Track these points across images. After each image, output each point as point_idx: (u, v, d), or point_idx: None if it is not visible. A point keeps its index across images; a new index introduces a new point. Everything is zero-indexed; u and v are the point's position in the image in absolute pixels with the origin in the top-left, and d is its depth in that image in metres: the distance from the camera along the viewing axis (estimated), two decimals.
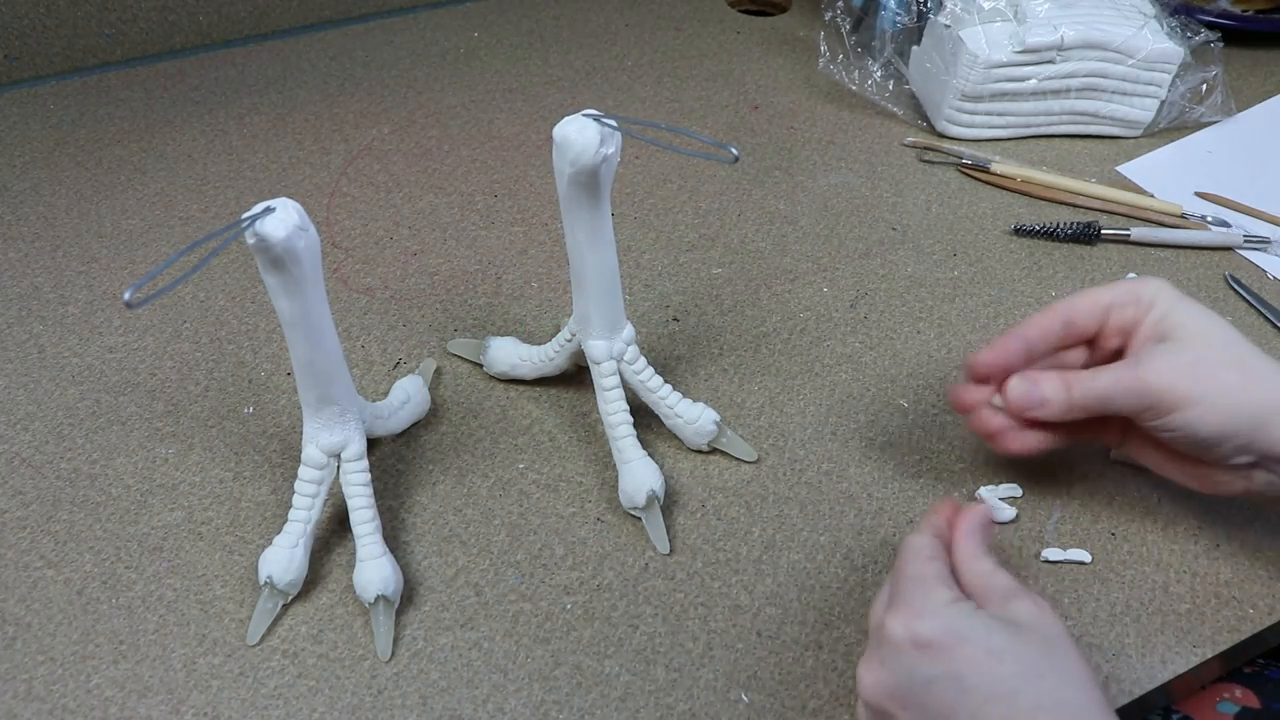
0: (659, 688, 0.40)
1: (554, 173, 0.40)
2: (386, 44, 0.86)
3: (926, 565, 0.36)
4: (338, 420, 0.42)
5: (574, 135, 0.37)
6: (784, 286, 0.60)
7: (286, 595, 0.42)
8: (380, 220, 0.65)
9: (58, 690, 0.39)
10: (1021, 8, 0.68)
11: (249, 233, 0.34)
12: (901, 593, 0.35)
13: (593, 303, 0.44)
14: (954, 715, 0.31)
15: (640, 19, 0.91)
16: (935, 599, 0.34)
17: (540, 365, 0.50)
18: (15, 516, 0.46)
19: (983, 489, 0.47)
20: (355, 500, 0.42)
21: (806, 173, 0.70)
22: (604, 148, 0.37)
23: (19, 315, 0.57)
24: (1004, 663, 0.32)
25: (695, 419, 0.47)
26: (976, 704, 0.31)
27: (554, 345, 0.49)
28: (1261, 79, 0.80)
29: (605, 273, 0.43)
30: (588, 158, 0.37)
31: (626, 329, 0.46)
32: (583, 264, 0.42)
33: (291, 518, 0.42)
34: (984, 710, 0.31)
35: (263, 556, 0.42)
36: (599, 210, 0.40)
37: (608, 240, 0.42)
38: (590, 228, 0.41)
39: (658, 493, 0.44)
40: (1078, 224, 0.63)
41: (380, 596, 0.41)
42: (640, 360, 0.47)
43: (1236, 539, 0.45)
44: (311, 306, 0.38)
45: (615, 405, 0.45)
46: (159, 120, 0.75)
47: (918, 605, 0.34)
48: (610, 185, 0.40)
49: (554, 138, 0.38)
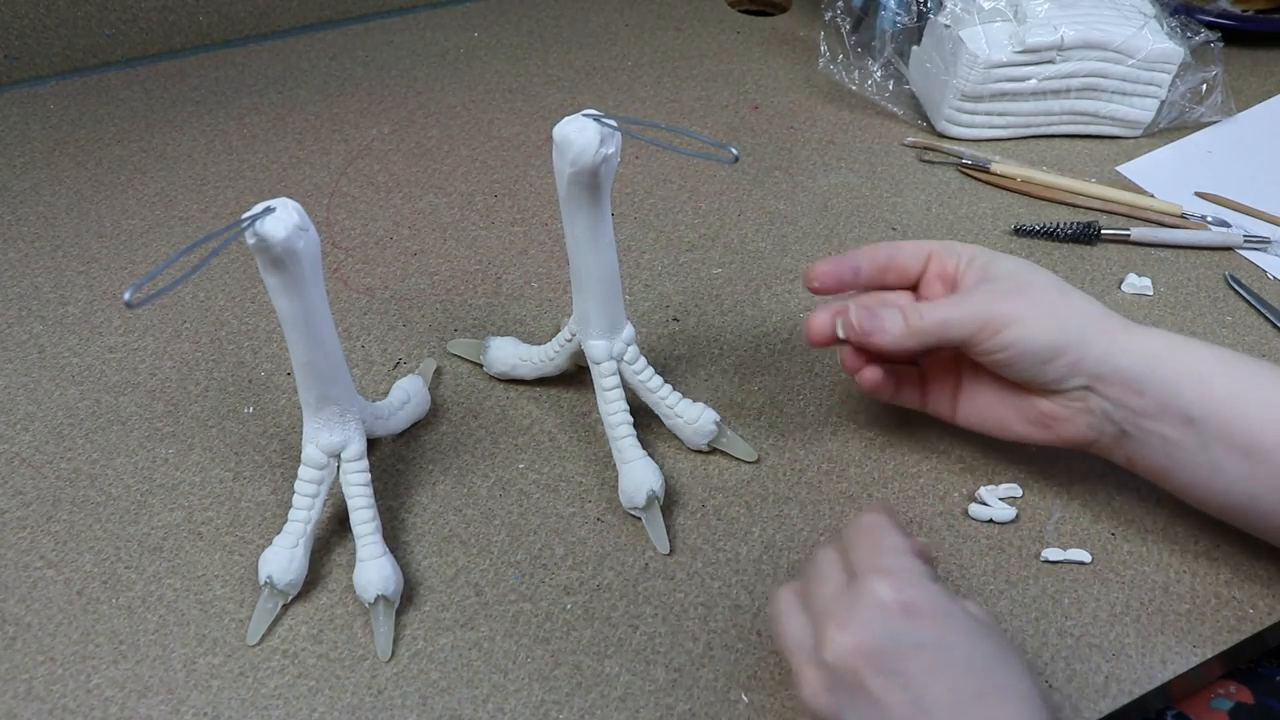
0: (659, 688, 0.40)
1: (554, 173, 0.40)
2: (386, 44, 0.86)
3: (903, 538, 0.36)
4: (338, 420, 0.42)
5: (574, 135, 0.37)
6: (784, 286, 0.60)
7: (286, 595, 0.42)
8: (380, 220, 0.65)
9: (58, 690, 0.39)
10: (1021, 8, 0.68)
11: (249, 233, 0.34)
12: (882, 559, 0.35)
13: (593, 302, 0.44)
14: (931, 682, 0.31)
15: (640, 19, 0.91)
16: (919, 571, 0.34)
17: (540, 365, 0.50)
18: (15, 516, 0.46)
19: (983, 489, 0.47)
20: (355, 500, 0.42)
21: (806, 173, 0.70)
22: (604, 148, 0.37)
23: (19, 315, 0.57)
24: (982, 642, 0.33)
25: (695, 419, 0.47)
26: (957, 675, 0.32)
27: (554, 345, 0.49)
28: (1261, 79, 0.80)
29: (605, 273, 0.43)
30: (587, 158, 0.37)
31: (627, 329, 0.46)
32: (582, 264, 0.42)
33: (291, 518, 0.42)
34: (963, 682, 0.31)
35: (262, 556, 0.42)
36: (599, 210, 0.40)
37: (608, 240, 0.42)
38: (590, 228, 0.41)
39: (657, 493, 0.44)
40: (1077, 224, 0.63)
41: (380, 596, 0.41)
42: (640, 360, 0.47)
43: (1236, 539, 0.45)
44: (312, 307, 0.38)
45: (615, 405, 0.45)
46: (159, 120, 0.75)
47: (904, 574, 0.34)
48: (610, 185, 0.40)
49: (554, 138, 0.38)
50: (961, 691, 0.31)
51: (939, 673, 0.31)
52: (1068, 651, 0.41)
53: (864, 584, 0.34)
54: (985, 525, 0.46)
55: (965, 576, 0.43)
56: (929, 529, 0.45)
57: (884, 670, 0.32)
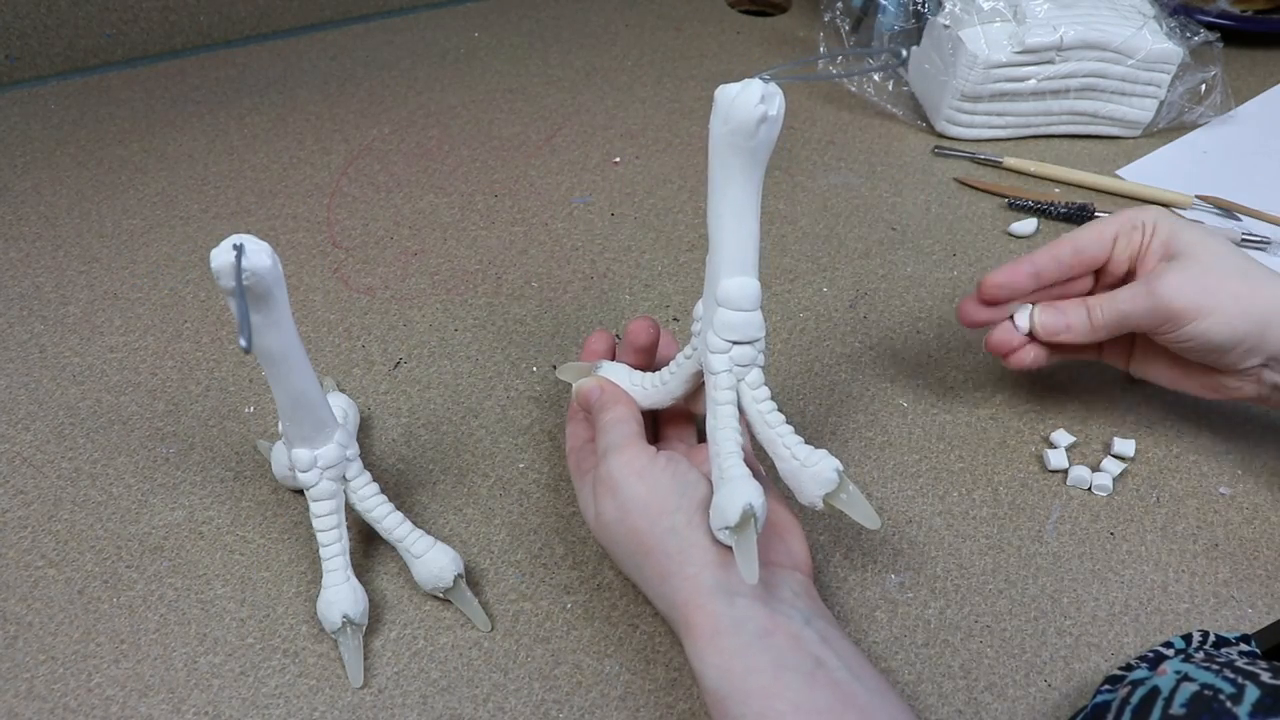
0: (659, 687, 0.40)
1: (708, 137, 0.36)
2: (386, 44, 0.86)
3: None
4: (332, 439, 0.41)
5: (734, 89, 0.34)
6: (784, 286, 0.60)
7: (362, 626, 0.41)
8: (380, 220, 0.65)
9: (59, 689, 0.39)
10: (1021, 8, 0.69)
11: (245, 274, 0.32)
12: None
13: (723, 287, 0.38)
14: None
15: (640, 19, 0.91)
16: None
17: (650, 392, 0.43)
18: (17, 516, 0.46)
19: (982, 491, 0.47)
20: (379, 510, 0.42)
21: (806, 173, 0.70)
22: (763, 105, 0.34)
23: (20, 315, 0.57)
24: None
25: (815, 464, 0.38)
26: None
27: (669, 368, 0.43)
28: (1261, 79, 0.80)
29: (744, 260, 0.38)
30: (744, 113, 0.34)
31: (760, 341, 0.39)
32: (721, 244, 0.38)
33: (326, 555, 0.41)
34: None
35: (324, 601, 0.40)
36: (751, 184, 0.36)
37: (752, 226, 0.38)
38: (739, 203, 0.37)
39: (757, 510, 0.35)
40: (1072, 204, 0.64)
41: (457, 576, 0.41)
42: (765, 389, 0.39)
43: (1235, 538, 0.45)
44: (293, 334, 0.36)
45: (726, 419, 0.38)
46: (160, 120, 0.75)
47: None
48: (767, 157, 0.36)
49: (715, 97, 0.35)
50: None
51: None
52: (1067, 651, 0.41)
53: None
54: (985, 525, 0.46)
55: (965, 576, 0.44)
56: (928, 526, 0.46)
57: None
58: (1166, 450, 0.49)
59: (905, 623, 0.42)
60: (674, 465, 0.39)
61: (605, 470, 0.39)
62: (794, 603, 0.36)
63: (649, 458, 0.39)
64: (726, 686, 0.33)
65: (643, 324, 0.44)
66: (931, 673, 0.40)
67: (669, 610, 0.37)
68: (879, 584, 0.43)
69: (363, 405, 0.51)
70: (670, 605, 0.36)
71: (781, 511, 0.40)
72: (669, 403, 0.43)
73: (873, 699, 0.33)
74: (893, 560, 0.44)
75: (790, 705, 0.32)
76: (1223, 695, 0.31)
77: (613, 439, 0.40)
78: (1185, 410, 0.51)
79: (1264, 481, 0.48)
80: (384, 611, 0.42)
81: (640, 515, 0.37)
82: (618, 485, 0.38)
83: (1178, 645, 0.40)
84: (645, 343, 0.44)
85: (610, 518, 0.38)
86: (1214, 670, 0.33)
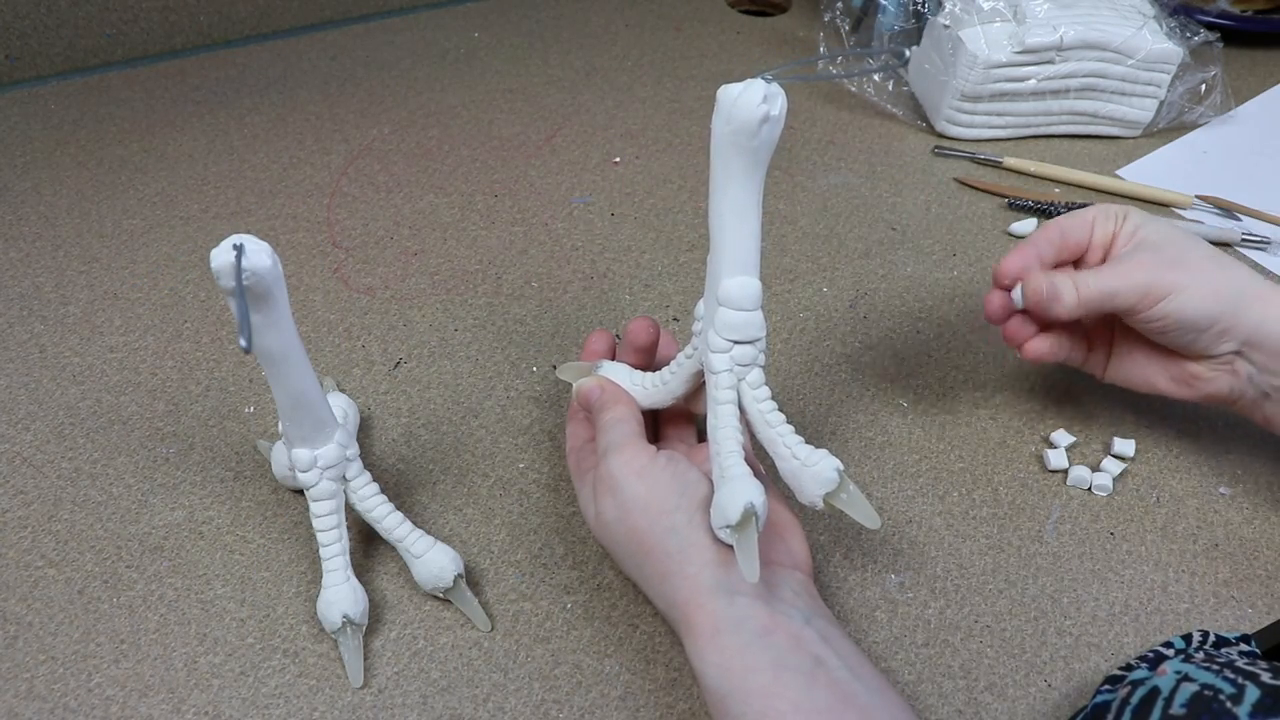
0: (659, 687, 0.40)
1: (711, 137, 0.36)
2: (386, 44, 0.86)
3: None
4: (333, 439, 0.41)
5: (736, 89, 0.34)
6: (784, 286, 0.60)
7: (362, 626, 0.41)
8: (380, 220, 0.65)
9: (59, 689, 0.39)
10: (1021, 8, 0.69)
11: (245, 274, 0.32)
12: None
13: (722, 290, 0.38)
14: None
15: (640, 19, 0.91)
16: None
17: (651, 392, 0.43)
18: (17, 516, 0.46)
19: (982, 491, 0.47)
20: (379, 510, 0.42)
21: (806, 173, 0.70)
22: (766, 105, 0.34)
23: (20, 315, 0.57)
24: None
25: (815, 463, 0.38)
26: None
27: (669, 367, 0.43)
28: (1261, 79, 0.80)
29: (745, 260, 0.38)
30: (745, 113, 0.34)
31: (761, 340, 0.39)
32: (723, 245, 0.38)
33: (326, 555, 0.41)
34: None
35: (323, 601, 0.40)
36: (752, 184, 0.37)
37: (753, 227, 0.38)
38: (740, 203, 0.37)
39: (758, 509, 0.35)
40: (1072, 205, 0.64)
41: (457, 576, 0.41)
42: (765, 389, 0.39)
43: (1235, 538, 0.45)
44: (292, 334, 0.36)
45: (726, 418, 0.39)
46: (160, 120, 0.75)
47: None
48: (768, 158, 0.36)
49: (717, 97, 0.35)
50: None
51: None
52: (1067, 651, 0.41)
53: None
54: (985, 525, 0.46)
55: (965, 576, 0.44)
56: (928, 526, 0.46)
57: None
58: (1166, 450, 0.49)
59: (905, 623, 0.42)
60: (674, 465, 0.39)
61: (605, 470, 0.39)
62: (794, 602, 0.36)
63: (649, 457, 0.39)
64: (727, 685, 0.33)
65: (643, 324, 0.44)
66: (931, 673, 0.40)
67: (669, 609, 0.37)
68: (879, 584, 0.43)
69: (363, 405, 0.51)
70: (670, 604, 0.36)
71: (782, 511, 0.40)
72: (669, 402, 0.43)
73: (873, 698, 0.33)
74: (893, 560, 0.44)
75: (790, 704, 0.32)
76: (1223, 695, 0.31)
77: (613, 438, 0.40)
78: (1185, 410, 0.51)
79: (1264, 481, 0.48)
80: (384, 611, 0.42)
81: (640, 515, 0.37)
82: (618, 485, 0.38)
83: (1178, 645, 0.40)
84: (645, 342, 0.44)
85: (610, 517, 0.38)
86: (1214, 670, 0.33)
